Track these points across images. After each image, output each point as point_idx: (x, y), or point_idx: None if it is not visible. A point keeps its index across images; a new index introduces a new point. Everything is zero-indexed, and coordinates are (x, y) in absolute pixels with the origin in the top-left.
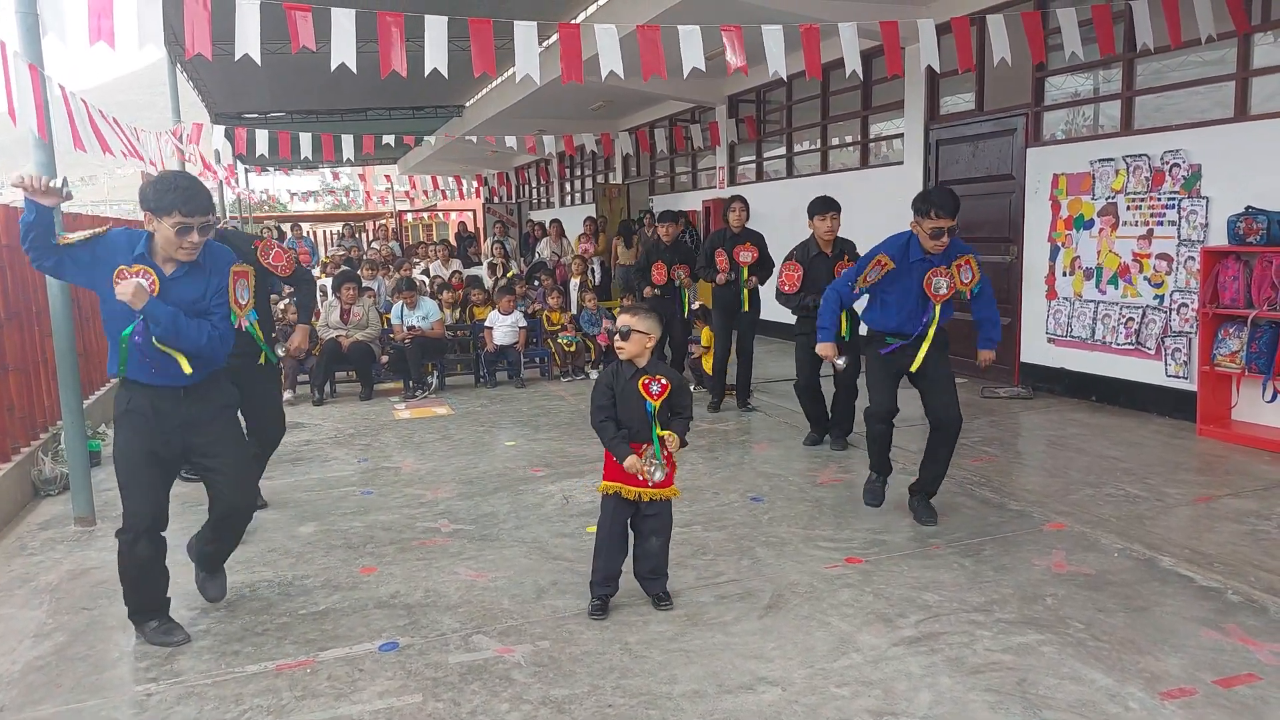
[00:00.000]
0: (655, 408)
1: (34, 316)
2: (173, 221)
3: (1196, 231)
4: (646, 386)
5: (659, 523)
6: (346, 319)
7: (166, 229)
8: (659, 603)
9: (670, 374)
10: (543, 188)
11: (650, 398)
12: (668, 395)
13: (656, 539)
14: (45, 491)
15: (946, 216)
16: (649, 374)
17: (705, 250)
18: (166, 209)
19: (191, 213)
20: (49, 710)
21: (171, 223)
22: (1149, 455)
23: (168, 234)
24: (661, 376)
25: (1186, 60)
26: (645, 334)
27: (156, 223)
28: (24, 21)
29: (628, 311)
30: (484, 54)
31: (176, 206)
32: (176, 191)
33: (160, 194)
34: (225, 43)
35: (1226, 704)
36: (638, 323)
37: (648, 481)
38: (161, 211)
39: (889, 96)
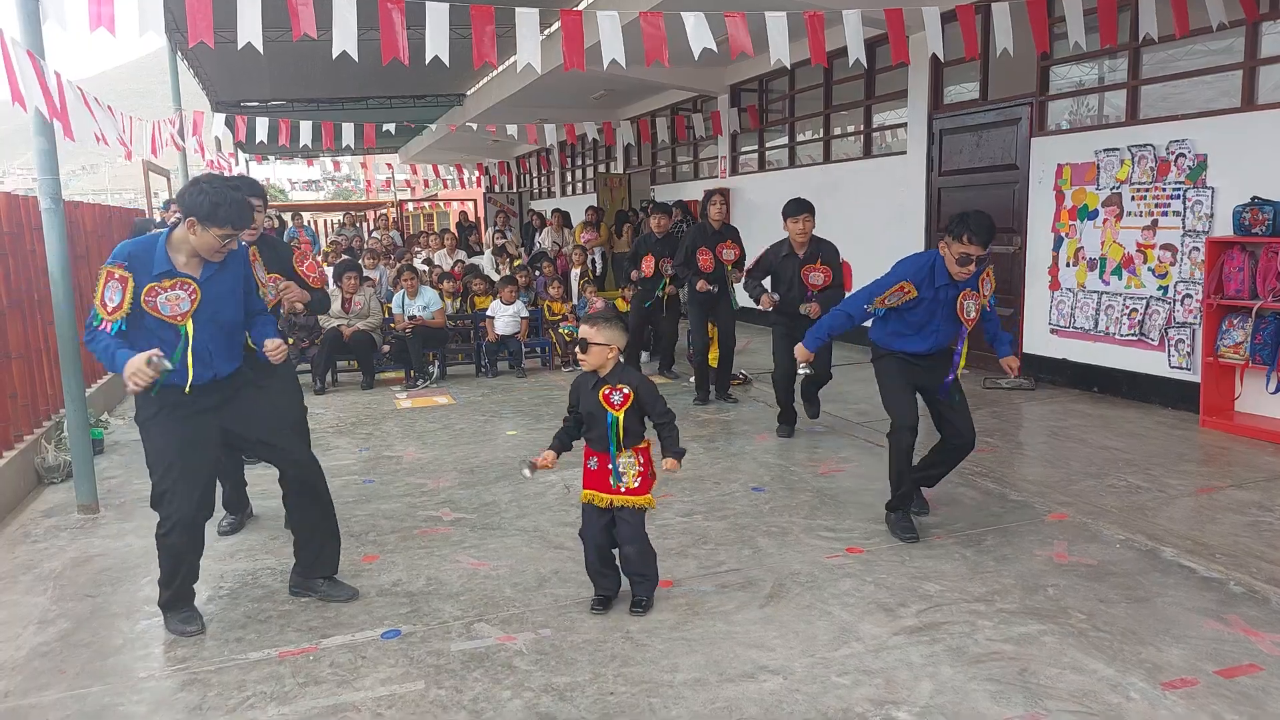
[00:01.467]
0: (617, 418)
1: (36, 304)
2: (222, 233)
3: (1201, 222)
4: (607, 397)
5: (629, 531)
6: (348, 308)
7: (211, 238)
8: (633, 606)
9: (634, 380)
10: (544, 177)
11: (611, 408)
12: (632, 404)
13: (630, 547)
14: (48, 479)
15: (979, 245)
16: (610, 383)
17: (686, 249)
18: (219, 222)
19: (242, 226)
20: (53, 696)
21: (219, 234)
22: (1151, 446)
23: (210, 242)
24: (624, 385)
25: (1193, 49)
26: (605, 345)
27: (200, 229)
28: (24, 8)
29: (587, 322)
30: (485, 42)
31: (230, 221)
32: (231, 207)
33: (215, 207)
34: (226, 30)
35: (1228, 694)
36: (595, 334)
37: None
38: (212, 223)
39: (892, 86)
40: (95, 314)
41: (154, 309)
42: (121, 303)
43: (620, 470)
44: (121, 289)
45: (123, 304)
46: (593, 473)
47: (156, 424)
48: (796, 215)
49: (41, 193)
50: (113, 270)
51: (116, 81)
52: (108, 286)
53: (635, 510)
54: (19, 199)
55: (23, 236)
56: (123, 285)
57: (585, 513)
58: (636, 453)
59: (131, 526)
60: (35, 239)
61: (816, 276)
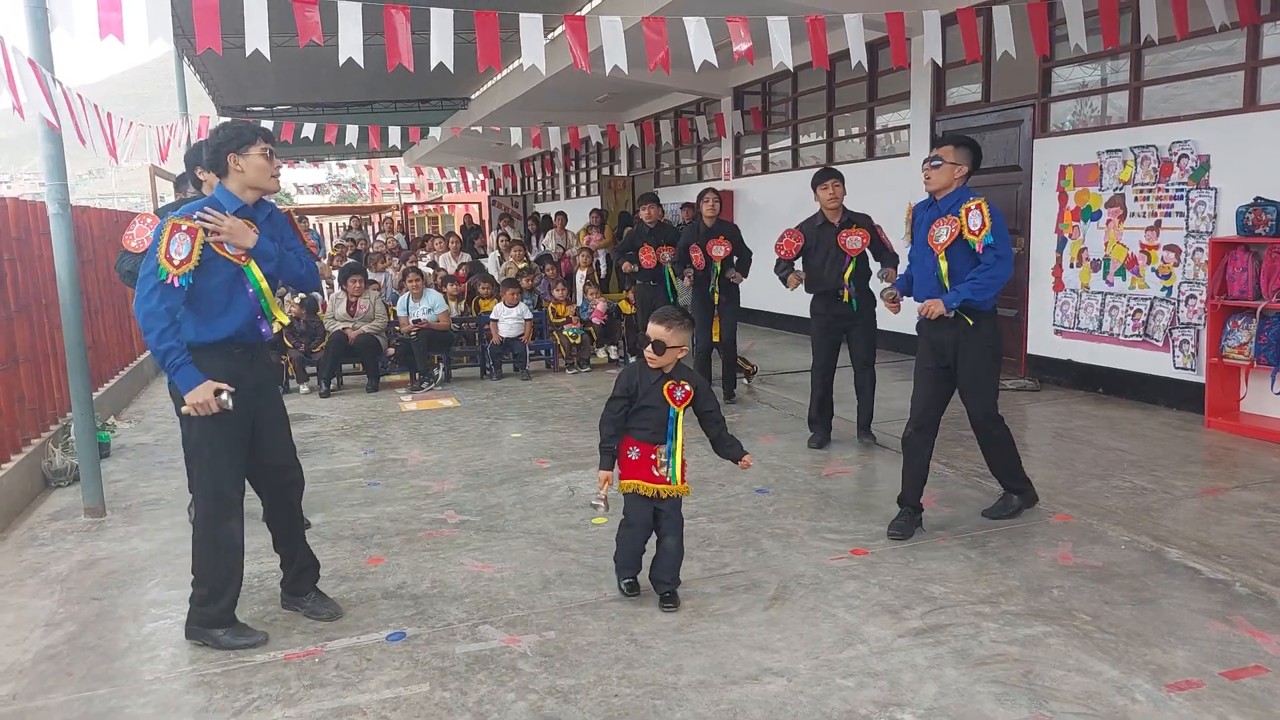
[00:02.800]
0: (679, 413)
1: (44, 309)
2: (260, 149)
3: (1205, 223)
4: (671, 391)
5: (672, 522)
6: (353, 311)
7: (256, 158)
8: (664, 603)
9: (694, 378)
10: (548, 180)
11: (674, 403)
12: (692, 400)
13: (671, 539)
14: (55, 482)
15: (939, 144)
16: (674, 379)
17: (680, 247)
18: (250, 139)
19: (269, 138)
20: (60, 699)
21: (259, 150)
22: (1156, 447)
23: (260, 163)
24: (686, 382)
25: (1195, 50)
26: (678, 347)
27: (241, 159)
28: (33, 15)
29: (660, 323)
30: (489, 47)
31: (259, 134)
32: (248, 125)
33: (237, 130)
34: (233, 36)
35: (1233, 696)
36: (672, 337)
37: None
38: (246, 143)
39: (895, 88)
40: (158, 268)
41: (222, 248)
42: (190, 255)
43: (663, 459)
44: (190, 240)
45: (191, 256)
46: (634, 463)
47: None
48: (823, 181)
49: (49, 198)
50: (179, 222)
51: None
52: (174, 239)
53: (677, 500)
54: (26, 204)
55: (30, 241)
56: (192, 237)
57: (632, 502)
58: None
59: (138, 530)
60: (43, 243)
61: (854, 240)
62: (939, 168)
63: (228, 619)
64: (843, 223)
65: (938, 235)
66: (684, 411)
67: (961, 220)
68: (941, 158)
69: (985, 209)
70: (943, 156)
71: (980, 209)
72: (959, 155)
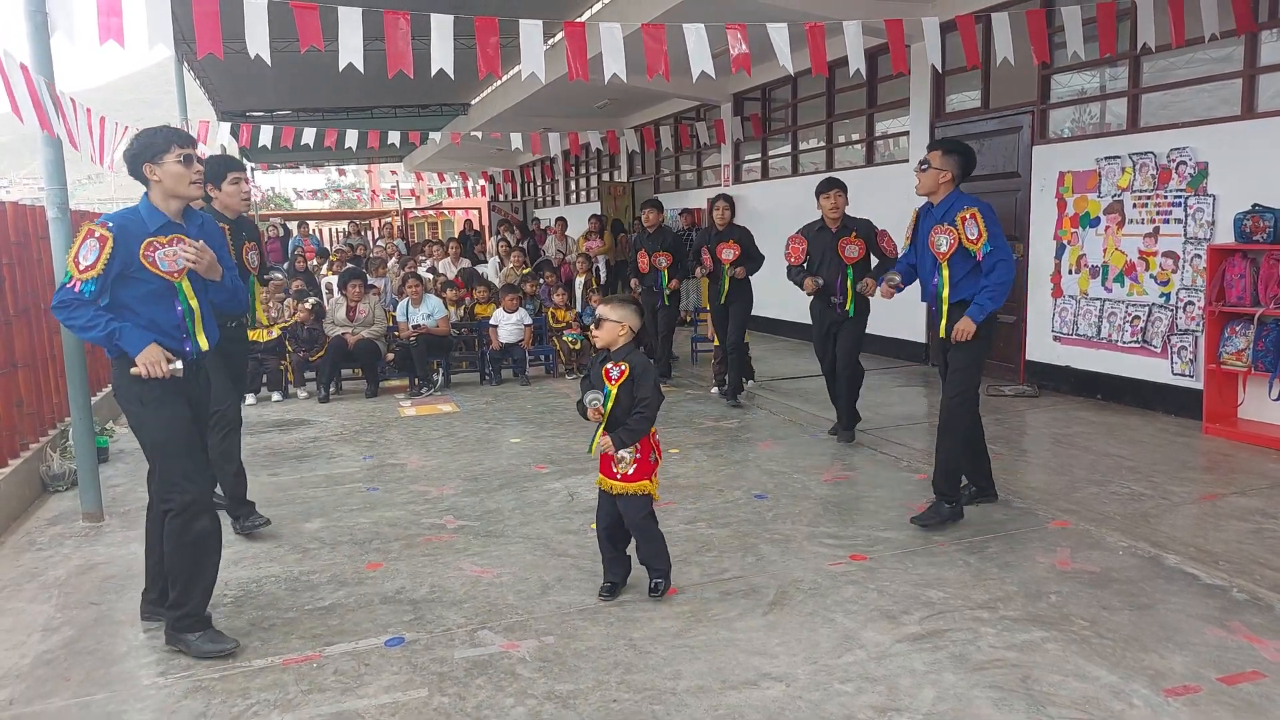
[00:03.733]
0: (611, 391)
1: (42, 313)
2: (175, 156)
3: (1203, 229)
4: (607, 372)
5: (629, 517)
6: (352, 317)
7: (173, 165)
8: (650, 591)
9: (636, 361)
10: (548, 185)
11: (608, 381)
12: (625, 380)
13: (635, 530)
14: (53, 487)
15: (931, 149)
16: (614, 359)
17: (694, 249)
18: (164, 145)
19: (186, 142)
20: (58, 704)
21: (174, 156)
22: (1154, 453)
23: (176, 169)
24: (623, 362)
25: (1193, 58)
26: (617, 322)
27: (157, 168)
28: (32, 20)
29: (605, 301)
30: (489, 53)
31: (173, 140)
32: (163, 128)
33: (151, 135)
34: (233, 41)
35: (1231, 701)
36: (610, 311)
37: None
38: (159, 150)
39: (894, 94)
40: (67, 273)
41: (152, 264)
42: (95, 262)
43: (619, 456)
44: (99, 248)
45: (96, 264)
46: (604, 458)
47: (164, 403)
48: (826, 191)
49: (48, 202)
50: (94, 229)
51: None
52: (85, 245)
53: (634, 496)
54: (25, 208)
55: (29, 245)
56: (101, 245)
57: (599, 497)
58: None
59: (136, 534)
60: (42, 248)
61: (852, 249)
62: (926, 171)
63: (200, 623)
64: (841, 229)
65: (939, 244)
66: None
67: (959, 230)
68: (929, 162)
69: (980, 218)
70: (930, 161)
71: (975, 218)
72: (946, 161)
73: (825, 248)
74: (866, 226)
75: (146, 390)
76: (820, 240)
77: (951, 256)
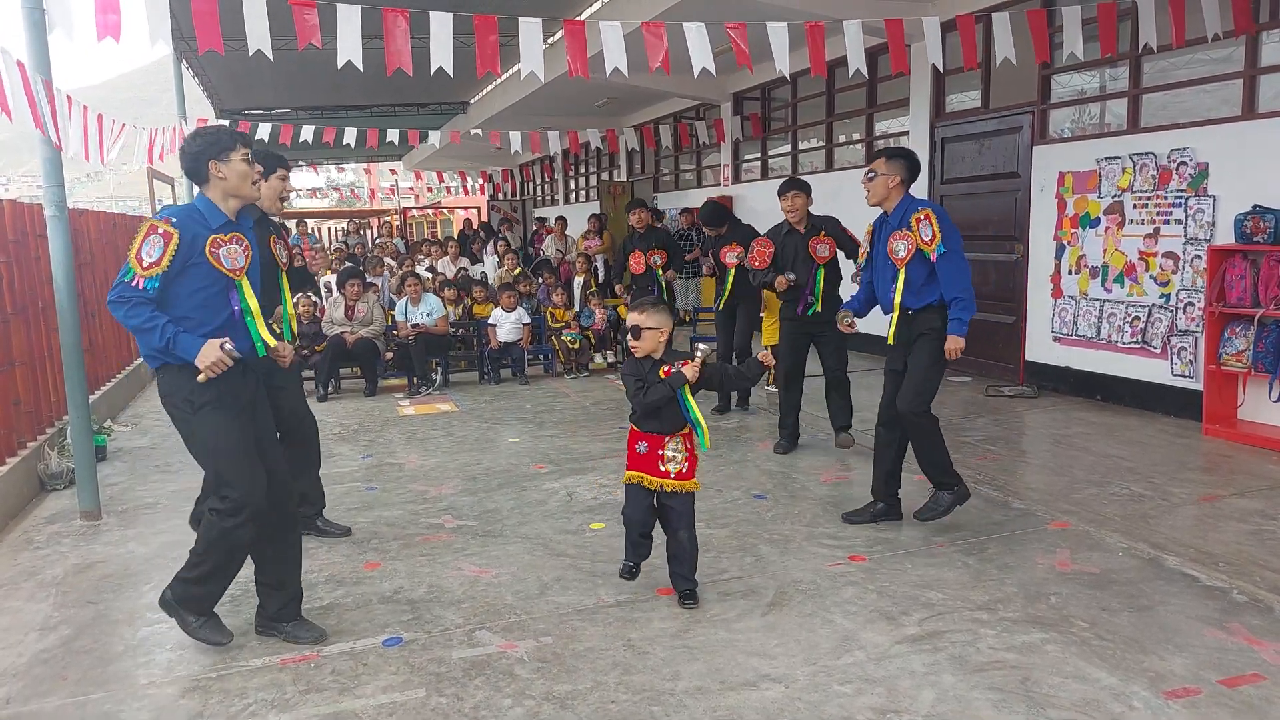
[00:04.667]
0: (693, 366)
1: (40, 311)
2: (241, 155)
3: (1203, 230)
4: (668, 373)
5: (683, 516)
6: (351, 316)
7: (238, 164)
8: (682, 600)
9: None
10: (547, 185)
11: (685, 365)
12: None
13: (684, 532)
14: (51, 485)
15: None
16: (668, 362)
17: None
18: (230, 144)
19: (249, 143)
20: (55, 703)
21: (240, 155)
22: (1154, 454)
23: (241, 169)
24: (678, 361)
25: (1194, 58)
26: (656, 329)
27: (223, 165)
28: (29, 17)
29: (635, 309)
30: (488, 52)
31: (238, 140)
32: (227, 130)
33: (218, 135)
34: (232, 38)
35: (1231, 704)
36: (646, 319)
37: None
38: (225, 148)
39: (894, 94)
40: (128, 269)
41: (217, 260)
42: (160, 259)
43: (670, 454)
44: (164, 244)
45: (161, 260)
46: (641, 456)
47: (216, 410)
48: (785, 193)
49: (46, 200)
50: (157, 225)
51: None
52: (148, 241)
53: (685, 495)
54: (23, 206)
55: (27, 244)
56: (165, 241)
57: (631, 493)
58: (683, 438)
59: (134, 533)
60: (40, 246)
61: (823, 249)
62: (874, 180)
63: (206, 608)
64: (809, 230)
65: (896, 250)
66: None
67: (915, 233)
68: (875, 170)
69: (934, 218)
70: (876, 169)
71: (929, 219)
72: (891, 166)
73: (796, 249)
74: (833, 224)
75: (198, 394)
76: (790, 242)
77: (909, 261)
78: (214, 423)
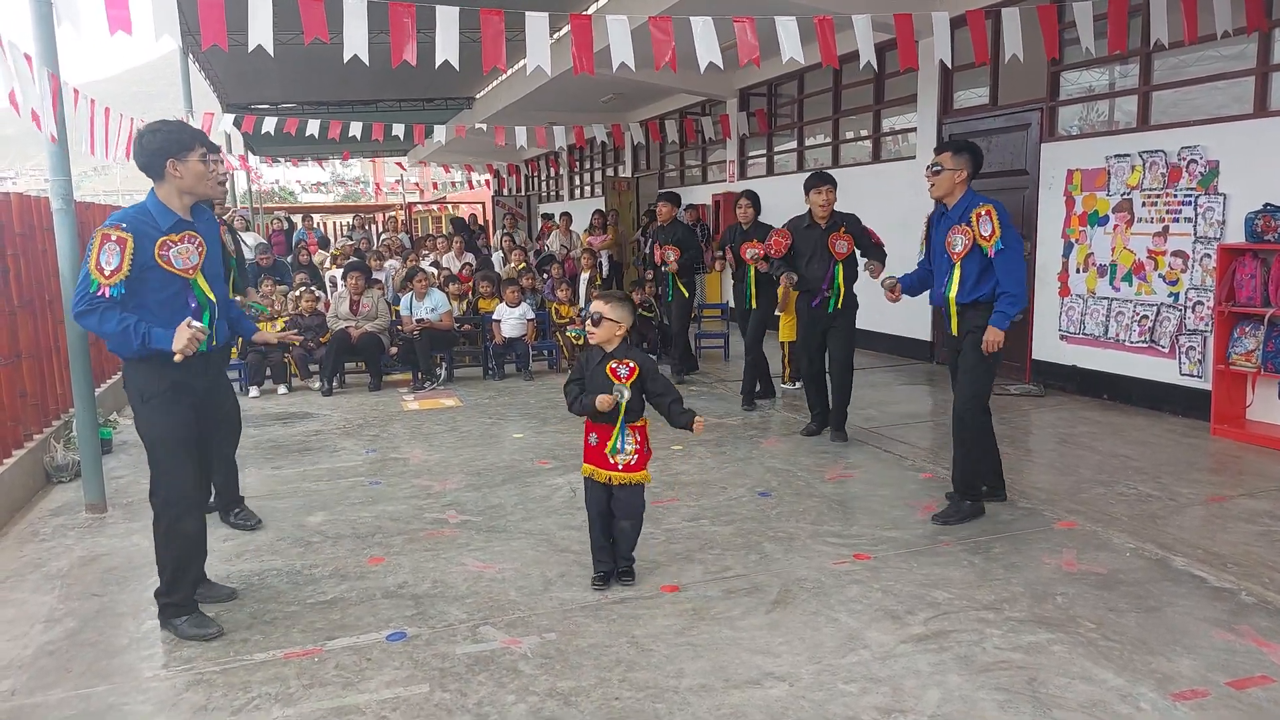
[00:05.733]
0: (624, 388)
1: (46, 304)
2: (198, 155)
3: (1213, 229)
4: (614, 371)
5: (628, 507)
6: (356, 310)
7: (195, 164)
8: (620, 577)
9: (640, 358)
10: (552, 180)
11: (616, 379)
12: (637, 379)
13: (626, 522)
14: (57, 478)
15: (939, 151)
16: (617, 358)
17: (722, 244)
18: (188, 144)
19: (208, 143)
20: (59, 695)
21: (197, 155)
22: (1162, 454)
23: (199, 169)
24: (630, 360)
25: (1205, 55)
26: (616, 322)
27: (181, 164)
28: (37, 10)
29: (601, 298)
30: (494, 46)
31: (197, 139)
32: (186, 128)
33: (177, 132)
34: (238, 33)
35: (1239, 706)
36: (609, 310)
37: (616, 401)
38: (184, 147)
39: (901, 90)
40: (90, 280)
41: (167, 263)
42: (120, 265)
43: (618, 447)
44: (120, 250)
45: (121, 266)
46: (592, 448)
47: (166, 402)
48: (818, 186)
49: (53, 194)
50: (109, 232)
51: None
52: (104, 249)
53: (633, 486)
54: (30, 200)
55: (34, 237)
56: (121, 246)
57: (587, 486)
58: (634, 430)
59: (139, 526)
60: (46, 239)
61: (842, 245)
62: (940, 174)
63: (187, 608)
64: (830, 225)
65: (954, 244)
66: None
67: (974, 228)
68: (941, 164)
69: (994, 215)
70: (942, 163)
71: (990, 215)
72: (958, 160)
73: (815, 243)
74: (854, 222)
75: (149, 386)
76: (809, 236)
77: (965, 256)
78: (159, 416)
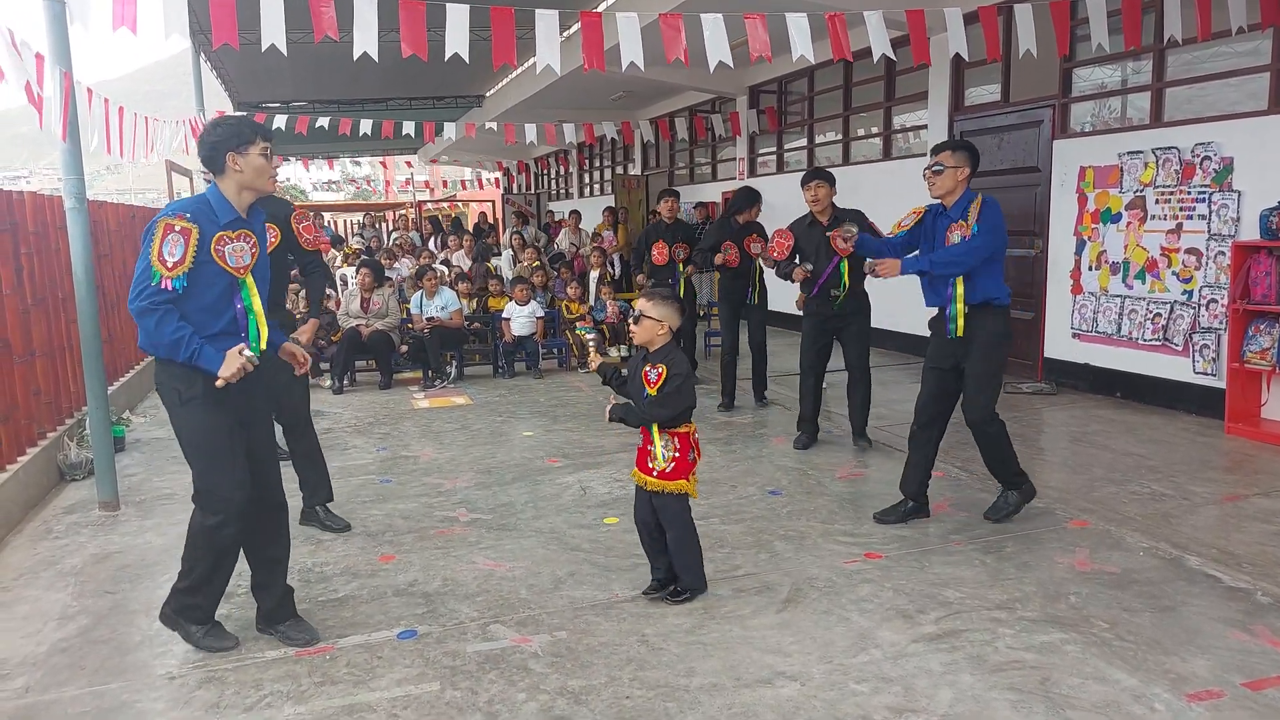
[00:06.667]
0: (652, 395)
1: (60, 302)
2: (260, 149)
3: (1227, 226)
4: (646, 374)
5: (668, 516)
6: (366, 308)
7: (256, 158)
8: (671, 594)
9: (675, 363)
10: (562, 178)
11: (648, 385)
12: (664, 382)
13: (670, 533)
14: (70, 476)
15: (937, 151)
16: (652, 361)
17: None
18: (249, 138)
19: (269, 136)
20: (73, 692)
21: (259, 150)
22: (1175, 453)
23: (258, 163)
24: (661, 364)
25: (1219, 51)
26: (657, 320)
27: (240, 157)
28: (50, 9)
29: (645, 296)
30: (504, 43)
31: (258, 133)
32: (247, 121)
33: (238, 126)
34: (249, 31)
35: (1255, 707)
36: (651, 309)
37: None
38: (245, 141)
39: (912, 87)
40: (152, 272)
41: (221, 259)
42: (183, 258)
43: (656, 452)
44: (184, 241)
45: (184, 259)
46: (640, 452)
47: (203, 405)
48: (807, 183)
49: (66, 192)
50: (173, 222)
51: (140, 84)
52: (167, 240)
53: (672, 495)
54: (44, 198)
55: (47, 235)
56: (185, 238)
57: (637, 494)
58: (673, 436)
59: (152, 524)
60: (60, 238)
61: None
62: (941, 173)
63: (206, 616)
64: (833, 222)
65: (954, 241)
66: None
67: (970, 223)
68: (942, 163)
69: (980, 204)
70: (943, 162)
71: (977, 205)
72: (959, 158)
73: (819, 241)
74: (858, 217)
75: (186, 389)
76: (812, 234)
77: None
78: (199, 419)
